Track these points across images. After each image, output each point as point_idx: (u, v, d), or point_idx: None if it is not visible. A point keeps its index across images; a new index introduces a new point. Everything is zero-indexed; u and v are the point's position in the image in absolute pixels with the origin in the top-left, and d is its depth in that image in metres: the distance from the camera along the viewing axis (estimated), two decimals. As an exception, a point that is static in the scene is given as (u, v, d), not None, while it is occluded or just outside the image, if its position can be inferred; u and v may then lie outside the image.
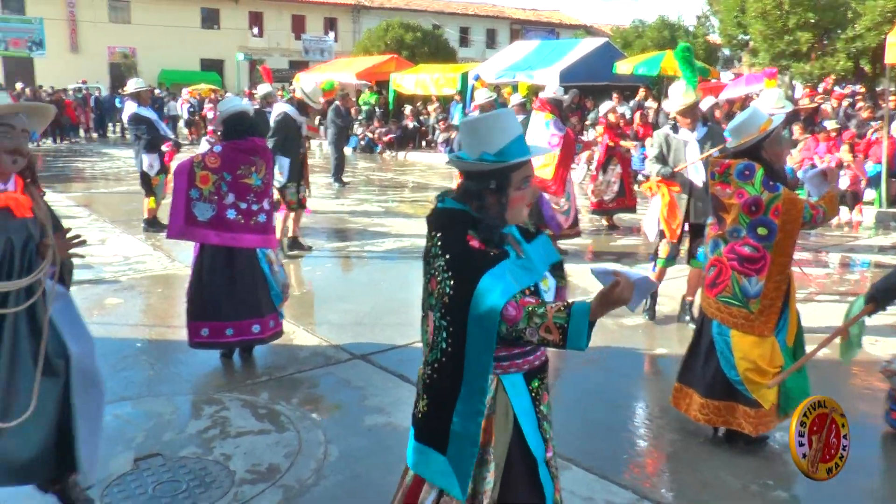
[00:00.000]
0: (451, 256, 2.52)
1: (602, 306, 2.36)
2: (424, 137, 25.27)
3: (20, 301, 3.32)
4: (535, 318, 2.38)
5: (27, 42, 42.84)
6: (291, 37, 49.34)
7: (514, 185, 2.57)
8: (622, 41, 33.25)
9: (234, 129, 5.79)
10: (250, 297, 5.74)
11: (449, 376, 2.58)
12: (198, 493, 4.05)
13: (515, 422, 2.65)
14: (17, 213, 3.32)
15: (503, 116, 2.61)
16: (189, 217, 5.60)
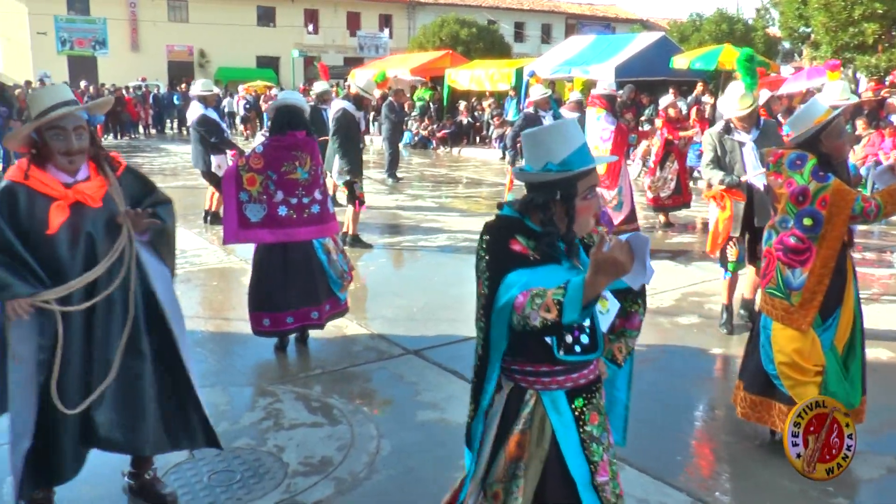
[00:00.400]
0: (490, 258, 2.52)
1: (594, 273, 2.14)
2: (478, 133, 25.22)
3: (110, 282, 3.44)
4: (537, 300, 2.27)
5: (91, 41, 43.90)
6: (346, 34, 49.66)
7: (580, 194, 2.52)
8: (679, 35, 32.83)
9: (278, 122, 5.84)
10: (307, 287, 5.86)
11: (483, 378, 2.58)
12: (252, 483, 4.10)
13: (554, 441, 2.59)
14: (89, 204, 3.39)
15: (566, 126, 2.59)
16: (242, 220, 5.70)
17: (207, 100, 10.71)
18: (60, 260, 3.34)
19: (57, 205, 3.31)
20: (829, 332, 4.33)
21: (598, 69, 19.99)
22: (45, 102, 3.33)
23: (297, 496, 3.99)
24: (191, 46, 45.88)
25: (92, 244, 3.40)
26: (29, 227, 3.29)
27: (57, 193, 3.33)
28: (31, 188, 3.31)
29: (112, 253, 3.43)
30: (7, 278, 3.20)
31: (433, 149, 24.34)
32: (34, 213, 3.30)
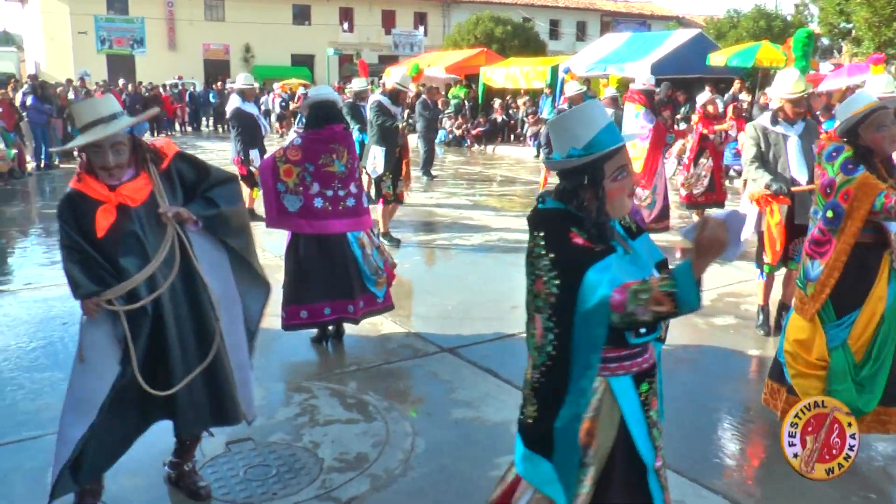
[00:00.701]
0: (555, 255, 2.44)
1: (700, 257, 2.23)
2: (513, 131, 25.16)
3: (166, 278, 3.51)
4: (642, 295, 2.27)
5: (129, 40, 44.54)
6: (381, 32, 49.81)
7: (608, 176, 2.48)
8: (716, 32, 32.49)
9: (316, 116, 5.87)
10: (343, 280, 5.88)
11: (556, 379, 2.51)
12: (287, 478, 4.12)
13: (622, 427, 2.57)
14: (130, 204, 3.44)
15: (587, 108, 2.55)
16: (280, 208, 5.76)
17: (246, 94, 10.79)
18: (114, 261, 3.42)
19: (103, 208, 3.40)
20: (842, 330, 4.24)
21: (633, 67, 19.84)
22: (84, 118, 3.38)
23: (333, 492, 4.01)
24: (227, 45, 46.29)
25: (140, 243, 3.46)
26: (87, 231, 3.40)
27: (102, 197, 3.41)
28: (84, 193, 3.42)
29: (161, 250, 3.49)
30: (79, 277, 3.35)
31: (467, 147, 24.32)
32: (87, 217, 3.40)
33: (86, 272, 3.37)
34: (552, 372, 2.52)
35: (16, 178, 15.88)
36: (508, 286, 7.98)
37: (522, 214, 12.34)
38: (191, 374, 3.58)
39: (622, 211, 2.54)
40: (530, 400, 2.62)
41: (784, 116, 6.11)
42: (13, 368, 5.68)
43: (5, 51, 51.47)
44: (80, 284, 3.34)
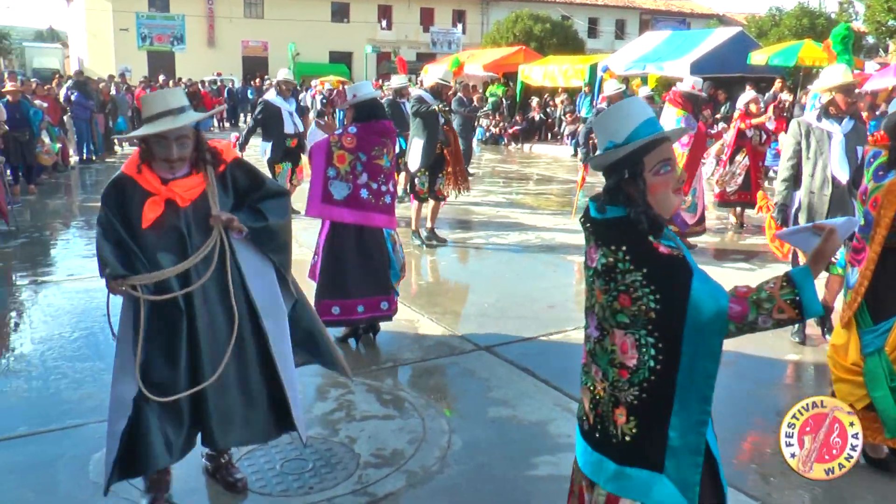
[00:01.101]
0: (648, 270, 2.34)
1: (819, 263, 2.38)
2: (550, 130, 25.06)
3: (201, 274, 3.49)
4: (765, 304, 2.31)
5: (170, 37, 45.15)
6: (420, 29, 49.89)
7: (649, 168, 2.40)
8: (757, 30, 32.10)
9: (364, 112, 5.88)
10: (378, 275, 5.91)
11: (663, 393, 2.41)
12: (324, 472, 4.14)
13: (709, 449, 2.50)
14: (178, 203, 3.45)
15: (627, 103, 2.50)
16: (326, 195, 5.75)
17: (281, 88, 10.85)
18: (153, 253, 3.42)
19: (152, 200, 3.41)
20: (878, 337, 4.11)
21: (672, 65, 19.68)
22: (153, 109, 3.40)
23: (369, 487, 4.01)
24: (265, 42, 46.67)
25: (182, 241, 3.46)
26: (131, 218, 3.41)
27: (153, 189, 3.43)
28: (137, 182, 3.44)
29: (202, 249, 3.48)
30: (109, 257, 3.35)
31: (504, 145, 24.27)
32: (135, 205, 3.42)
33: (116, 254, 3.38)
34: (657, 387, 2.40)
35: (59, 171, 16.14)
36: (545, 285, 7.95)
37: (559, 213, 12.34)
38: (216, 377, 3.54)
39: (667, 207, 2.45)
40: (617, 417, 2.48)
41: (835, 111, 5.91)
42: (56, 358, 5.77)
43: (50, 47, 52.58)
44: (109, 264, 3.35)
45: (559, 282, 8.26)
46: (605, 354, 2.48)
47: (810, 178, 5.98)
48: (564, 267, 8.88)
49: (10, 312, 7.17)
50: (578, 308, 7.32)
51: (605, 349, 2.48)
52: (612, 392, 2.48)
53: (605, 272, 2.41)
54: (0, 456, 4.32)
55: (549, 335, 6.38)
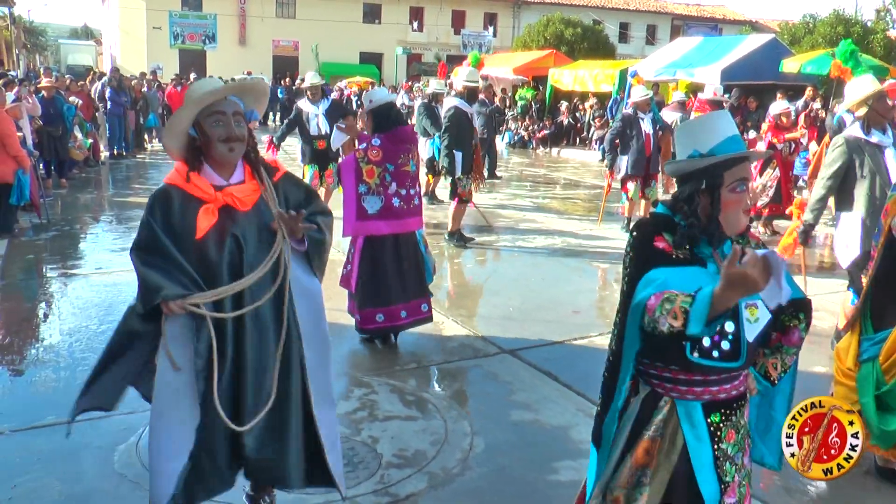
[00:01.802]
0: (633, 254, 2.47)
1: (723, 287, 2.05)
2: (579, 134, 24.98)
3: (256, 297, 3.15)
4: (667, 305, 2.20)
5: (202, 36, 45.54)
6: (451, 31, 49.92)
7: (726, 185, 2.40)
8: (790, 37, 31.74)
9: (385, 118, 5.90)
10: (416, 278, 5.97)
11: (612, 375, 2.53)
12: (346, 472, 4.12)
13: (685, 454, 2.48)
14: (238, 207, 3.16)
15: (716, 116, 2.52)
16: (360, 212, 5.77)
17: (309, 95, 10.93)
18: (209, 265, 3.11)
19: (206, 208, 3.11)
20: (874, 345, 4.05)
21: (703, 72, 19.50)
22: (200, 89, 3.18)
23: (390, 487, 4.02)
24: (296, 41, 46.92)
25: (239, 250, 3.15)
26: (181, 231, 3.10)
27: (207, 196, 3.12)
28: (185, 191, 3.13)
29: (266, 261, 3.16)
30: (159, 280, 3.01)
31: (532, 149, 24.23)
32: (186, 216, 3.11)
33: (167, 274, 3.03)
34: (610, 367, 2.55)
35: (90, 166, 16.33)
36: (570, 290, 7.93)
37: (586, 218, 12.30)
38: (260, 412, 3.19)
39: (736, 226, 2.44)
40: (600, 395, 2.64)
41: (875, 122, 5.71)
42: (84, 349, 5.84)
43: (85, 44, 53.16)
44: (163, 286, 3.00)
45: (584, 287, 8.23)
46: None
47: (868, 197, 5.67)
48: (590, 272, 8.85)
49: (40, 304, 7.28)
50: (603, 314, 7.30)
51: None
52: None
53: (623, 260, 2.55)
54: (27, 444, 4.39)
55: (574, 340, 6.35)
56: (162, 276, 3.02)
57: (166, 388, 3.14)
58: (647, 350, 2.45)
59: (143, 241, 3.12)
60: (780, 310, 2.49)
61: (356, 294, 5.89)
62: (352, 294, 5.97)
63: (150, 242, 3.10)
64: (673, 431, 2.48)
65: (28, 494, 3.89)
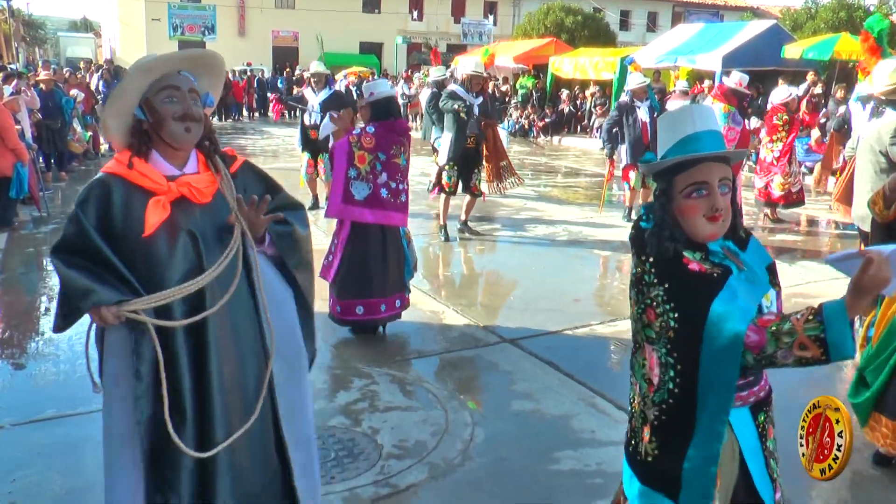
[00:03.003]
0: (669, 286, 2.23)
1: (858, 297, 1.98)
2: (580, 122, 24.91)
3: (217, 296, 2.70)
4: (784, 338, 2.05)
5: (201, 27, 45.38)
6: (451, 20, 49.73)
7: (678, 190, 2.27)
8: (792, 23, 31.62)
9: (383, 111, 5.89)
10: (396, 273, 5.95)
11: (682, 419, 2.29)
12: (346, 462, 4.14)
13: (741, 461, 2.37)
14: (195, 199, 2.71)
15: (676, 115, 2.38)
16: (347, 196, 5.75)
17: (312, 83, 10.89)
18: (159, 269, 2.63)
19: (156, 200, 2.61)
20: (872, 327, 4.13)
21: (704, 58, 19.45)
22: (151, 57, 2.72)
23: (391, 478, 4.01)
24: (296, 32, 46.77)
25: (196, 248, 2.69)
26: (124, 228, 2.61)
27: (157, 187, 2.63)
28: (129, 181, 2.63)
29: (222, 259, 2.71)
30: (88, 283, 2.52)
31: (533, 137, 24.17)
32: (131, 210, 2.62)
33: (97, 279, 2.54)
34: (676, 411, 2.29)
35: (90, 159, 16.31)
36: (571, 278, 7.91)
37: (587, 206, 12.25)
38: (233, 435, 2.71)
39: (698, 234, 2.29)
40: (644, 434, 2.40)
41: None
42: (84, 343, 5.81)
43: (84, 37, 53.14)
44: (92, 289, 2.51)
45: (586, 276, 8.20)
46: (640, 367, 2.42)
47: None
48: (591, 261, 8.83)
49: (41, 297, 7.27)
50: (604, 302, 7.29)
51: (639, 362, 2.42)
52: (642, 408, 2.41)
53: (635, 283, 2.33)
54: (28, 438, 4.38)
55: (575, 329, 6.34)
56: (90, 279, 2.54)
57: (109, 434, 2.70)
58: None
59: (69, 241, 2.62)
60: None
61: (334, 284, 5.86)
62: (331, 284, 5.91)
63: (76, 242, 2.61)
64: (729, 443, 2.35)
65: (29, 488, 3.88)
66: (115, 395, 2.68)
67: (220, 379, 2.70)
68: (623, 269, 8.44)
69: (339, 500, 3.82)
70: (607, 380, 5.30)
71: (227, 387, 2.72)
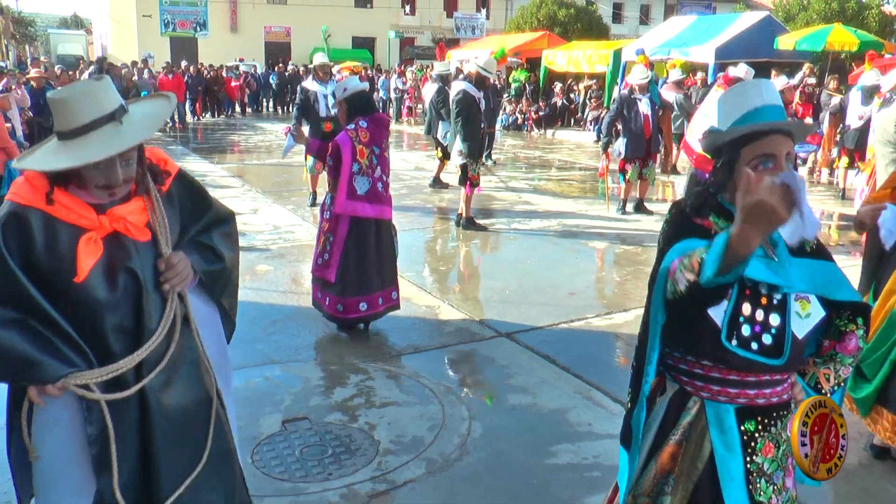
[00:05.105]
0: (669, 227, 2.25)
1: (743, 222, 1.73)
2: (573, 115, 24.89)
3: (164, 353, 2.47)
4: (685, 261, 1.95)
5: (193, 23, 45.30)
6: (443, 15, 49.67)
7: (745, 161, 2.15)
8: (784, 14, 31.57)
9: (362, 103, 5.86)
10: (390, 266, 5.96)
11: (639, 363, 2.27)
12: (343, 458, 4.12)
13: (711, 462, 2.24)
14: (133, 236, 2.40)
15: (743, 88, 2.31)
16: (350, 191, 5.71)
17: (319, 74, 10.83)
18: (97, 313, 2.33)
19: (87, 238, 2.29)
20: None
21: (698, 50, 19.44)
22: (78, 117, 2.24)
23: (388, 474, 3.99)
24: (288, 27, 46.67)
25: (138, 289, 2.39)
26: (50, 270, 2.27)
27: (87, 222, 2.31)
28: (49, 215, 2.27)
29: (165, 318, 2.46)
30: (31, 353, 2.21)
31: (527, 131, 24.15)
32: (56, 249, 2.27)
33: (37, 344, 2.23)
34: (638, 354, 2.29)
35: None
36: (567, 272, 7.89)
37: (581, 199, 12.24)
38: (183, 483, 2.52)
39: None
40: (629, 387, 2.37)
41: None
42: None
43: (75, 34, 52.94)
44: (35, 362, 2.21)
45: (581, 268, 8.19)
46: None
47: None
48: (586, 253, 8.81)
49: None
50: (600, 295, 7.28)
51: None
52: None
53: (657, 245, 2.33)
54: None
55: (571, 322, 6.32)
56: (31, 347, 2.21)
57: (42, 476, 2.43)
58: (679, 338, 2.23)
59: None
60: (836, 313, 2.31)
61: (336, 284, 5.76)
62: (328, 284, 5.80)
63: (7, 291, 2.22)
64: (700, 436, 2.26)
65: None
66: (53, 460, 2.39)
67: (165, 433, 2.47)
68: (617, 262, 8.43)
69: (336, 496, 3.81)
70: (603, 373, 5.29)
71: (171, 440, 2.49)
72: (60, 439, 2.37)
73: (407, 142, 21.28)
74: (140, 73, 22.47)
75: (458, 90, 9.48)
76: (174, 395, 2.50)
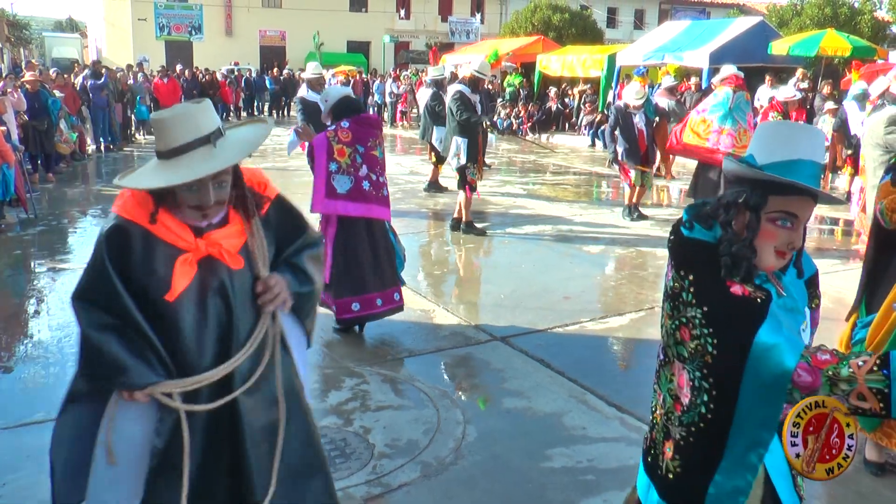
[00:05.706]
0: (709, 309, 2.04)
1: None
2: (568, 120, 24.93)
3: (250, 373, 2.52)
4: (842, 385, 1.91)
5: (188, 27, 45.31)
6: (438, 19, 49.74)
7: (767, 209, 2.06)
8: (778, 20, 31.69)
9: (346, 108, 5.90)
10: (389, 267, 5.95)
11: (710, 444, 2.14)
12: (338, 462, 4.13)
13: (767, 476, 2.22)
14: (227, 262, 2.46)
15: (797, 131, 2.17)
16: (329, 190, 5.73)
17: (312, 83, 10.85)
18: (184, 333, 2.41)
19: (184, 259, 2.38)
20: (862, 329, 4.09)
21: (692, 55, 19.51)
22: (175, 138, 2.33)
23: (383, 478, 4.00)
24: (283, 31, 46.70)
25: (228, 313, 2.47)
26: (142, 284, 2.37)
27: (184, 244, 2.39)
28: (150, 233, 2.37)
29: (253, 338, 2.51)
30: (124, 359, 2.32)
31: (521, 135, 24.18)
32: (151, 265, 2.37)
33: (130, 352, 2.34)
34: (706, 436, 2.14)
35: (77, 160, 16.22)
36: (561, 276, 7.91)
37: (576, 203, 12.27)
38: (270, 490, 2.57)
39: (761, 262, 2.10)
40: (666, 450, 2.26)
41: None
42: (74, 344, 5.78)
43: (70, 37, 52.81)
44: (126, 368, 2.31)
45: (575, 273, 8.21)
46: (667, 381, 2.27)
47: None
48: (581, 258, 8.84)
49: (29, 299, 7.23)
50: (594, 299, 7.30)
51: (666, 376, 2.27)
52: (665, 422, 2.28)
53: (671, 297, 2.15)
54: (18, 441, 4.36)
55: (565, 326, 6.35)
56: (124, 352, 2.33)
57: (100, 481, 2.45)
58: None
59: (95, 294, 2.35)
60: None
61: (331, 284, 5.81)
62: (325, 285, 5.87)
63: (105, 298, 2.34)
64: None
65: (18, 492, 3.87)
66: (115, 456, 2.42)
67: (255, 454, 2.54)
68: (612, 266, 8.46)
69: (331, 499, 3.81)
70: (598, 377, 5.31)
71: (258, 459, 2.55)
72: (131, 448, 2.42)
73: (401, 146, 21.29)
74: (135, 77, 22.41)
75: (455, 91, 9.53)
76: (262, 415, 2.56)
